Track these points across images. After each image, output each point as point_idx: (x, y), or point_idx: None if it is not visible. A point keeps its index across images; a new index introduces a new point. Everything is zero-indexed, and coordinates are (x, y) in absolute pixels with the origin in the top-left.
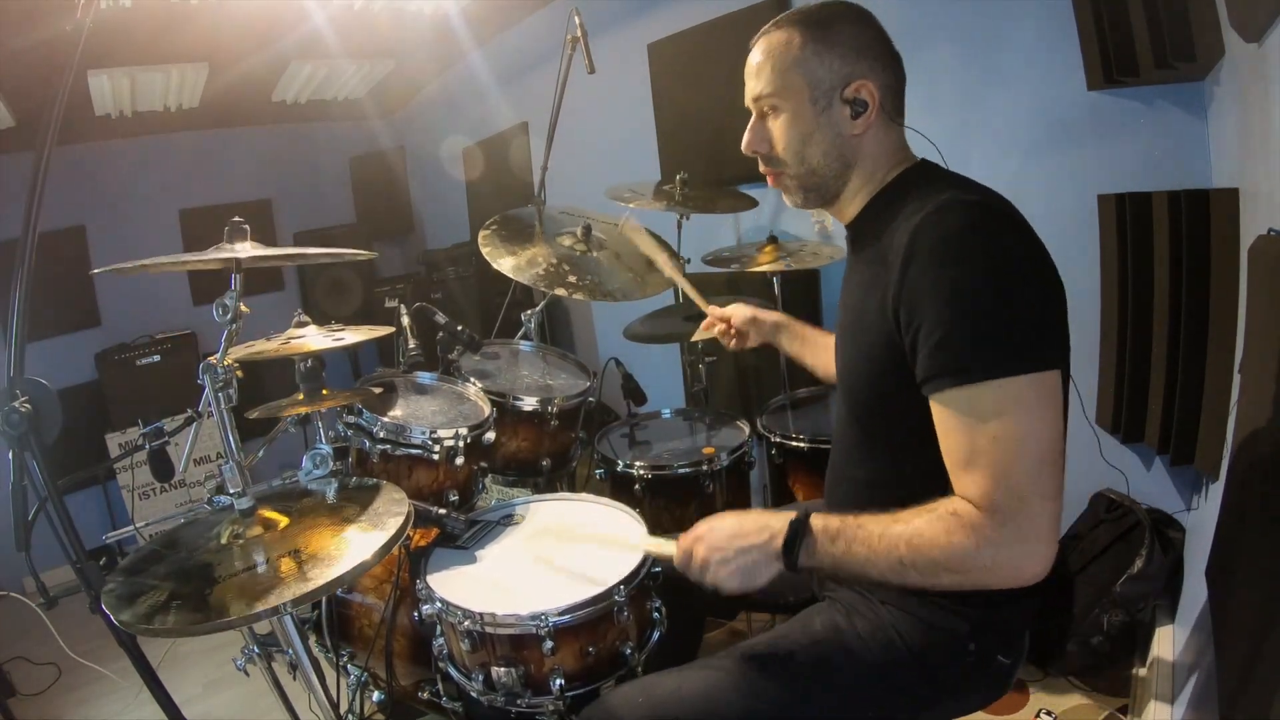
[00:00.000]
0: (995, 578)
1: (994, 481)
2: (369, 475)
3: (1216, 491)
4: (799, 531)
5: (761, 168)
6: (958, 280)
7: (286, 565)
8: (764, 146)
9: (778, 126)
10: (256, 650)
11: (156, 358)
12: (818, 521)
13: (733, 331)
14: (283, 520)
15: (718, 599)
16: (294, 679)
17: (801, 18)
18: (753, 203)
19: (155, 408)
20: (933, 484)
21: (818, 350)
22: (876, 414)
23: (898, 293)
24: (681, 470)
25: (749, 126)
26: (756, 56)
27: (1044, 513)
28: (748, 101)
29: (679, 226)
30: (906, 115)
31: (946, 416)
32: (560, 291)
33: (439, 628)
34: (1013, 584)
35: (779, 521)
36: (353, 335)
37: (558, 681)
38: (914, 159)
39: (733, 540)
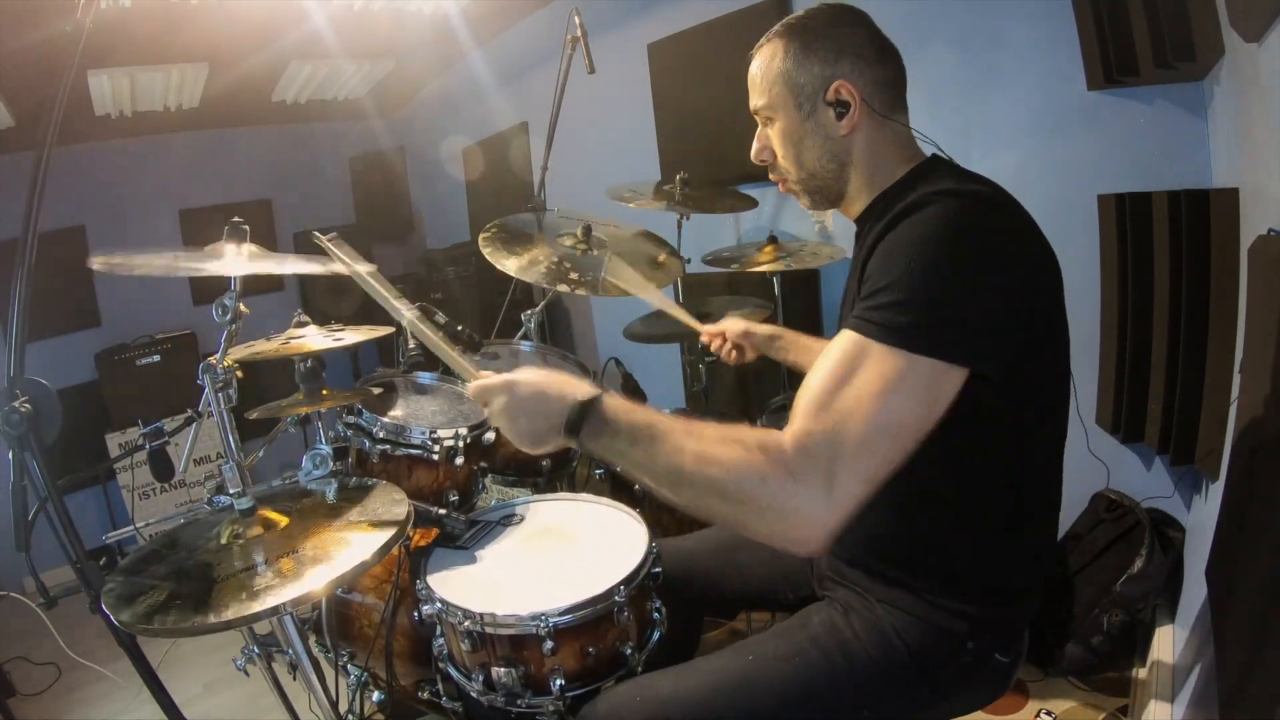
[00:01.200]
0: (764, 522)
1: (825, 425)
2: (369, 475)
3: (1216, 491)
4: (586, 409)
5: (770, 175)
6: (913, 250)
7: (286, 565)
8: (768, 155)
9: (775, 135)
10: (256, 650)
11: (156, 358)
12: (612, 405)
13: (729, 346)
14: (283, 520)
15: (717, 599)
16: (294, 679)
17: (786, 28)
18: (753, 203)
19: (155, 408)
20: (921, 485)
21: (816, 358)
22: None
23: (865, 261)
24: None
25: (756, 136)
26: (753, 69)
27: (850, 487)
28: (751, 112)
29: (679, 226)
30: (909, 112)
31: (833, 352)
32: (563, 287)
33: (439, 628)
34: (777, 540)
35: (582, 391)
36: (353, 335)
37: (558, 681)
38: (922, 157)
39: (533, 398)
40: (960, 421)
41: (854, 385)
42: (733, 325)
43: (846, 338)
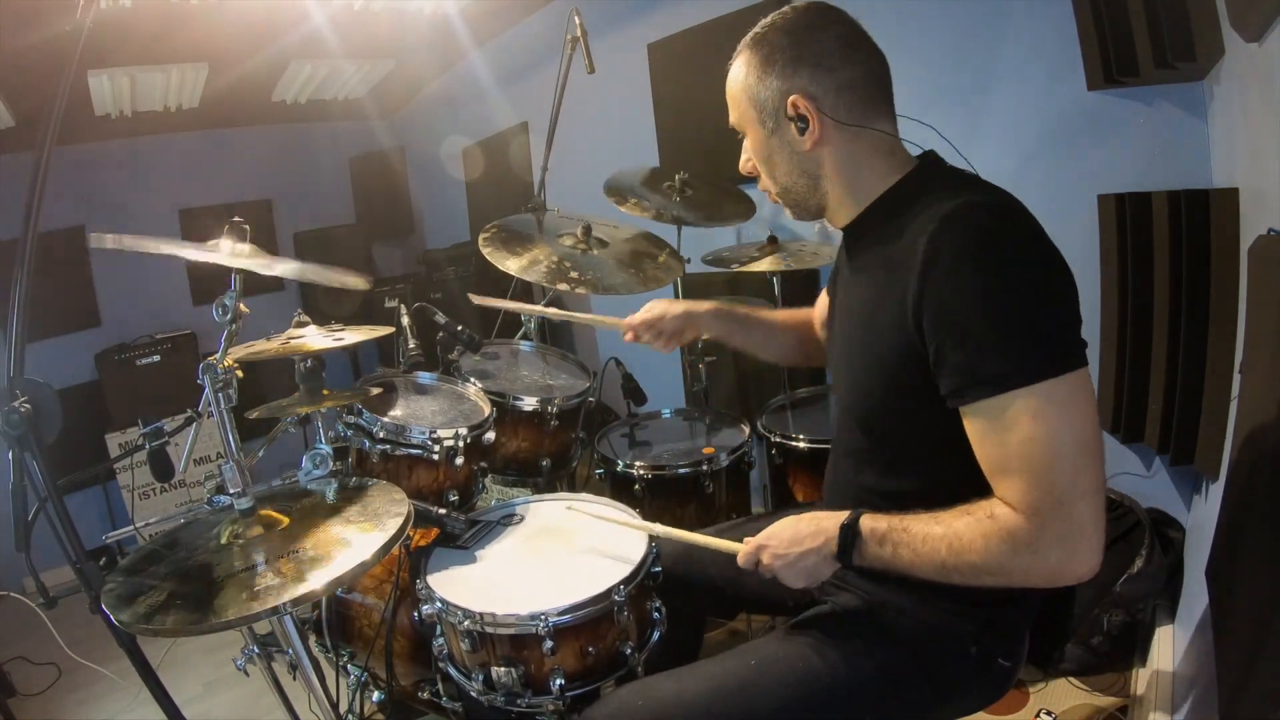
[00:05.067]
0: (1038, 578)
1: (1030, 484)
2: (369, 475)
3: (1216, 491)
4: (850, 536)
5: (759, 186)
6: (982, 287)
7: (286, 565)
8: (750, 167)
9: (750, 150)
10: (256, 650)
11: (156, 358)
12: (866, 524)
13: (650, 335)
14: (283, 520)
15: (717, 601)
16: (294, 679)
17: (750, 40)
18: (751, 203)
19: (155, 408)
20: (945, 493)
21: (756, 334)
22: (890, 423)
23: (919, 300)
24: (681, 470)
25: (743, 148)
26: (728, 82)
27: (1085, 510)
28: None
29: (679, 226)
30: (907, 116)
31: (978, 425)
32: (563, 286)
33: (439, 628)
34: (1060, 582)
35: (832, 524)
36: (353, 335)
37: (558, 681)
38: (912, 161)
39: (793, 547)
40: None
41: (1021, 433)
42: (667, 308)
43: (985, 405)
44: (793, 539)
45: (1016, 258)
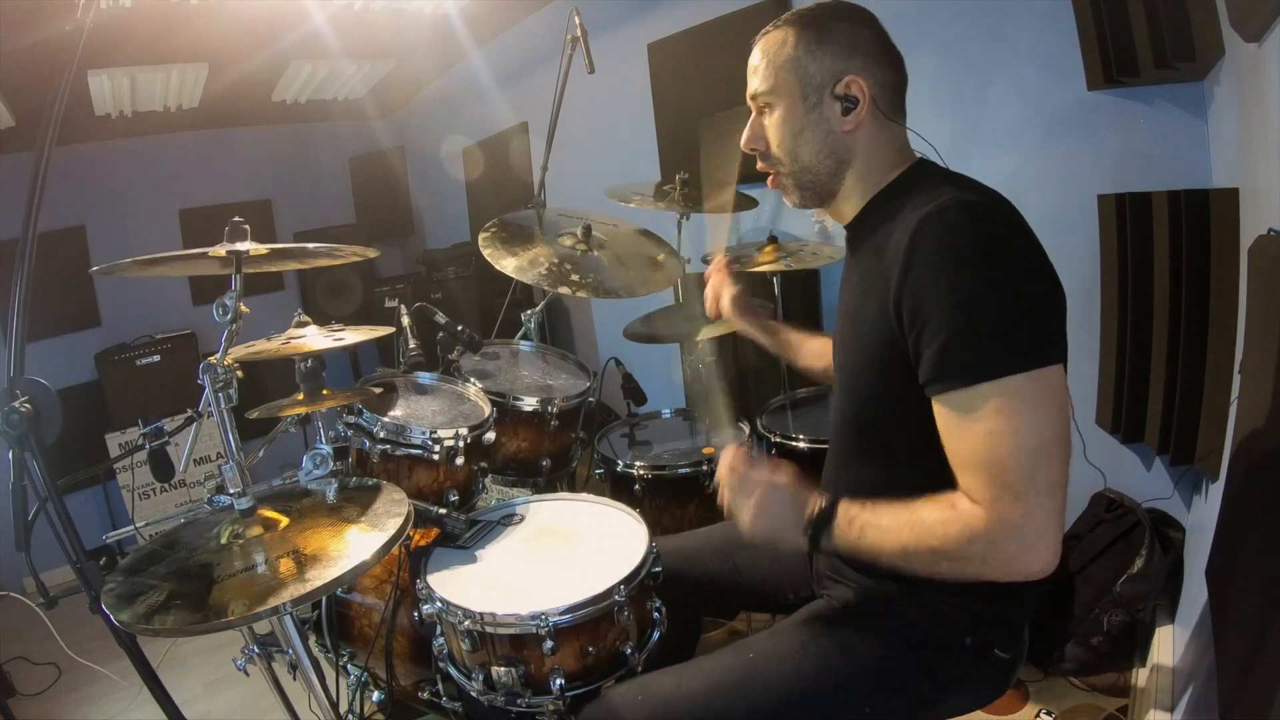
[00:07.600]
0: (992, 571)
1: (990, 479)
2: (369, 475)
3: (1216, 491)
4: (827, 512)
5: (759, 165)
6: (959, 281)
7: (286, 565)
8: (760, 144)
9: (772, 124)
10: (256, 650)
11: (156, 358)
12: (843, 507)
13: (713, 298)
14: (283, 520)
15: (717, 599)
16: (294, 679)
17: (798, 17)
18: (753, 203)
19: (155, 408)
20: (929, 487)
21: (801, 353)
22: (875, 415)
23: (899, 292)
24: (681, 470)
25: (748, 124)
26: (755, 55)
27: (1042, 508)
28: (747, 99)
29: (679, 226)
30: (907, 116)
31: (947, 416)
32: (564, 290)
33: (439, 627)
34: (1013, 578)
35: (815, 500)
36: (353, 335)
37: (558, 681)
38: (914, 159)
39: (782, 504)
40: None
41: (984, 427)
42: (734, 302)
43: (954, 396)
44: (787, 500)
45: (995, 253)
